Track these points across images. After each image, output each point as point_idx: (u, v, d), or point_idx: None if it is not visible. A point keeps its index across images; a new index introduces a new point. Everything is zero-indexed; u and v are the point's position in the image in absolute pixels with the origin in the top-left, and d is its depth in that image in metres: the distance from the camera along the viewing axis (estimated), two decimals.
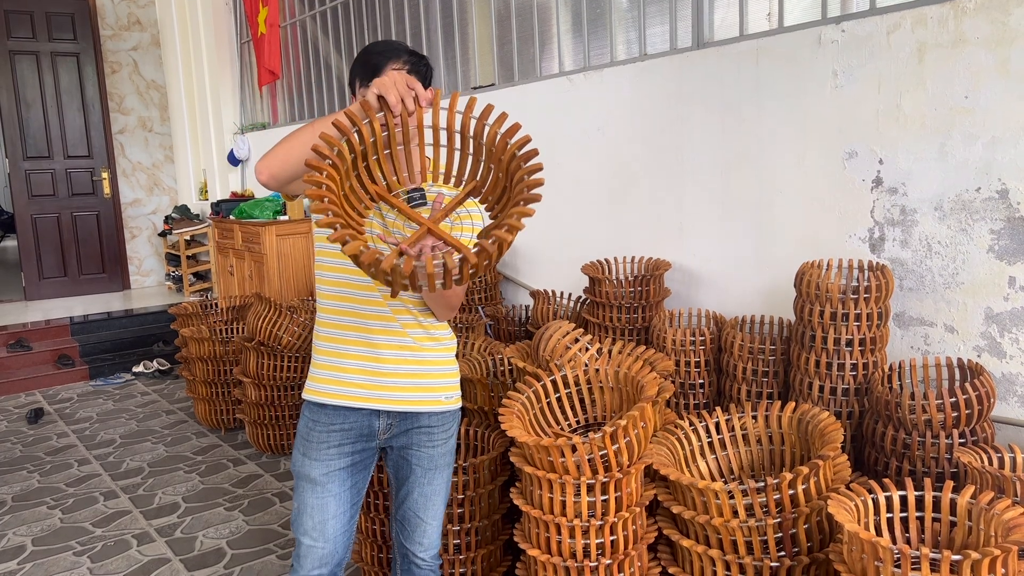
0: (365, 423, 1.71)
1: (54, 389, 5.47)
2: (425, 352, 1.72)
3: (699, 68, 3.01)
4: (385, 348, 1.69)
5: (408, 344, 1.70)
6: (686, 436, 2.05)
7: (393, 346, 1.69)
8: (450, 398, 1.78)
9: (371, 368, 1.69)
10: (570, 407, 2.12)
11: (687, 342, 2.70)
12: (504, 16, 4.02)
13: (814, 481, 1.76)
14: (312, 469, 1.70)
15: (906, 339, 2.50)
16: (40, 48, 6.92)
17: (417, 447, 1.76)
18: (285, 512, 3.30)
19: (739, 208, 2.92)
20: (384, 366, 1.69)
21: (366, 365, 1.69)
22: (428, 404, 1.73)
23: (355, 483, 1.75)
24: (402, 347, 1.70)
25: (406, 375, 1.70)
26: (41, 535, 3.19)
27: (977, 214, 2.29)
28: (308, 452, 1.71)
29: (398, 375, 1.70)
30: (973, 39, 2.24)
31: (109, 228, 7.38)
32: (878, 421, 2.24)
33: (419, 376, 1.72)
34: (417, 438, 1.75)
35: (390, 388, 1.70)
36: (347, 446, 1.71)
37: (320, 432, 1.70)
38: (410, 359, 1.71)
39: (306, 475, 1.70)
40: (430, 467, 1.77)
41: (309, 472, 1.70)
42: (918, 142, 2.39)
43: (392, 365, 1.69)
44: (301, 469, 1.72)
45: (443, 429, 1.78)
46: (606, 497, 1.81)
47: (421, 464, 1.76)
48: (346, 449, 1.71)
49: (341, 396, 1.70)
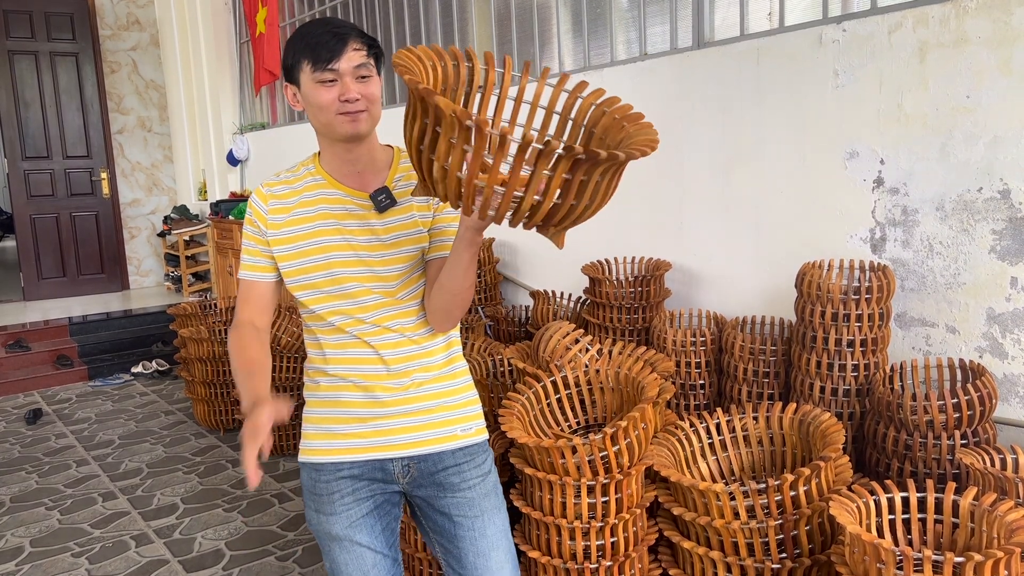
0: (377, 467, 1.50)
1: (53, 390, 5.46)
2: (430, 384, 1.51)
3: (700, 68, 3.00)
4: (380, 390, 1.47)
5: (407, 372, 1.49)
6: (687, 437, 2.04)
7: (389, 387, 1.48)
8: (467, 430, 1.53)
9: (366, 414, 1.49)
10: (570, 408, 2.11)
11: (687, 343, 2.69)
12: (504, 16, 4.01)
13: (815, 482, 1.75)
14: (331, 525, 1.48)
15: (907, 340, 2.49)
16: (39, 48, 6.90)
17: (451, 492, 1.50)
18: (284, 513, 3.29)
19: (740, 208, 2.91)
20: (381, 409, 1.48)
21: (360, 412, 1.49)
22: (439, 442, 1.50)
23: (386, 526, 1.52)
24: (398, 386, 1.48)
25: (409, 414, 1.49)
26: (39, 536, 3.18)
27: (979, 214, 2.28)
28: (320, 508, 1.50)
29: (401, 415, 1.48)
30: (975, 39, 2.23)
31: (108, 228, 7.37)
32: (879, 422, 2.23)
33: (424, 412, 1.50)
34: (447, 481, 1.50)
35: (392, 431, 1.49)
36: (362, 491, 1.49)
37: (326, 483, 1.49)
38: (413, 396, 1.49)
39: (326, 533, 1.50)
40: (474, 514, 1.50)
41: (329, 529, 1.49)
42: (919, 142, 2.38)
43: (391, 408, 1.48)
44: (319, 527, 1.51)
45: (474, 465, 1.52)
46: (607, 499, 1.80)
47: (462, 512, 1.50)
48: (362, 494, 1.49)
49: (337, 451, 1.49)
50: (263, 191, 1.52)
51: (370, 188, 1.47)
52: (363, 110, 1.41)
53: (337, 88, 1.39)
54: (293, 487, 3.55)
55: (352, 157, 1.48)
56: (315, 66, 1.38)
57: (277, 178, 1.54)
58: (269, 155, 6.27)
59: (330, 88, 1.39)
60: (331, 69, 1.38)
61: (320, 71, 1.38)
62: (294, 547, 2.99)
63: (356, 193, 1.47)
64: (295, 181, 1.52)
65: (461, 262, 1.34)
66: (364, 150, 1.48)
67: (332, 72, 1.38)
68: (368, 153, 1.49)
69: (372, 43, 1.44)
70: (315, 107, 1.42)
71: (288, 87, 1.47)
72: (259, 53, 5.99)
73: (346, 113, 1.40)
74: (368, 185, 1.48)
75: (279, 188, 1.52)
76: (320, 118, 1.43)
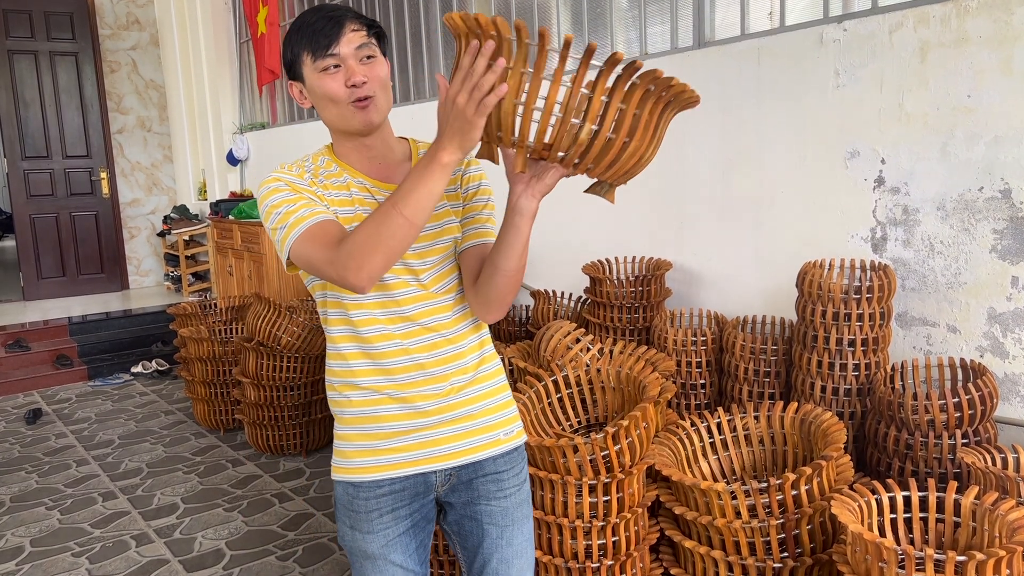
0: (420, 480, 1.42)
1: (52, 389, 5.46)
2: (469, 387, 1.43)
3: (700, 67, 3.00)
4: (419, 399, 1.39)
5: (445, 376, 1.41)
6: (688, 436, 2.04)
7: (427, 394, 1.39)
8: (509, 433, 1.47)
9: (406, 427, 1.40)
10: (571, 407, 2.11)
11: (688, 342, 2.69)
12: (504, 16, 4.01)
13: (817, 482, 1.75)
14: (367, 544, 1.42)
15: (908, 339, 2.49)
16: (39, 48, 6.90)
17: (486, 500, 1.44)
18: (284, 513, 3.28)
19: (740, 208, 2.91)
20: (423, 420, 1.39)
21: (400, 424, 1.39)
22: (484, 448, 1.43)
23: (420, 543, 1.46)
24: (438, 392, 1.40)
25: (452, 421, 1.41)
26: (39, 536, 3.17)
27: (980, 214, 2.28)
28: (357, 525, 1.42)
29: (443, 424, 1.40)
30: (976, 38, 2.23)
31: (108, 228, 7.36)
32: (880, 421, 2.24)
33: (468, 418, 1.42)
34: (484, 489, 1.44)
35: (435, 442, 1.40)
36: (402, 509, 1.42)
37: (365, 500, 1.41)
38: (455, 402, 1.41)
39: (361, 551, 1.43)
40: (506, 523, 1.45)
41: (364, 548, 1.42)
42: (920, 142, 2.38)
43: (433, 416, 1.40)
44: (353, 544, 1.44)
45: (513, 473, 1.47)
46: (608, 498, 1.80)
47: (495, 521, 1.45)
48: (402, 512, 1.42)
49: (378, 468, 1.40)
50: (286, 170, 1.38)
51: (394, 179, 1.38)
52: (371, 95, 1.32)
53: (342, 74, 1.31)
54: (293, 487, 3.55)
55: (370, 152, 1.40)
56: (315, 54, 1.31)
57: (294, 167, 1.40)
58: (269, 155, 6.26)
59: (335, 75, 1.31)
60: (332, 54, 1.30)
61: (321, 58, 1.30)
62: (294, 547, 2.99)
63: (383, 185, 1.39)
64: (318, 169, 1.40)
65: (521, 237, 1.26)
66: (379, 141, 1.40)
67: (333, 57, 1.30)
68: (384, 144, 1.41)
69: (371, 23, 1.36)
70: (323, 99, 1.33)
71: (293, 85, 1.40)
72: (260, 52, 5.99)
73: (356, 101, 1.32)
74: (392, 176, 1.40)
75: (298, 170, 1.38)
76: (331, 111, 1.34)
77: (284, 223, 1.30)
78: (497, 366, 1.50)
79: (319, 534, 3.08)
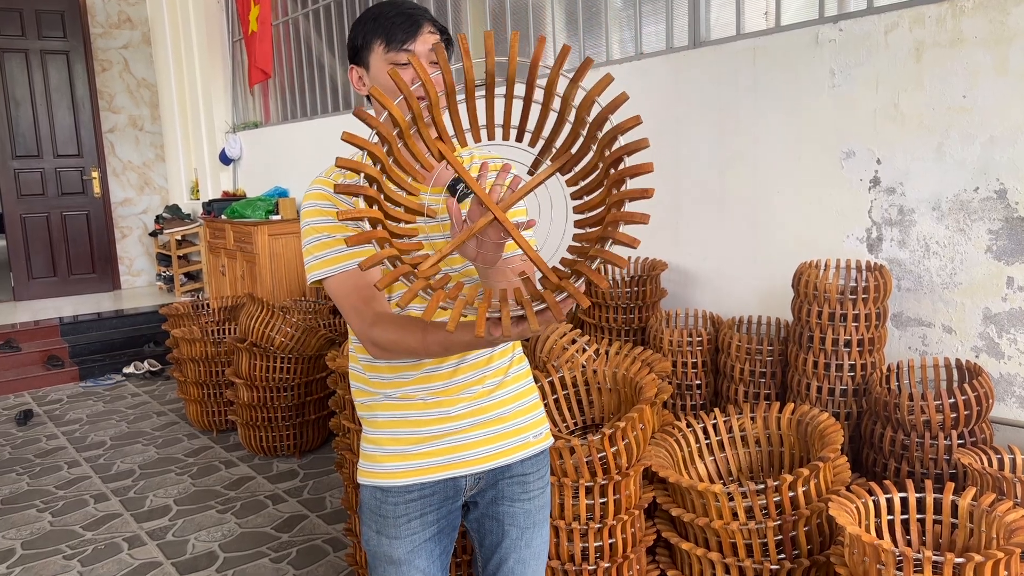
0: (450, 485, 1.41)
1: (43, 390, 5.42)
2: (501, 389, 1.42)
3: (695, 67, 2.99)
4: (450, 404, 1.38)
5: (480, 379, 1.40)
6: (684, 438, 2.04)
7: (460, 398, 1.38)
8: (539, 435, 1.47)
9: (438, 431, 1.38)
10: (568, 408, 2.10)
11: (684, 343, 2.68)
12: (499, 14, 4.00)
13: (814, 483, 1.75)
14: (393, 549, 1.40)
15: (904, 339, 2.49)
16: (29, 46, 6.85)
17: (509, 501, 1.44)
18: (278, 515, 3.27)
19: (736, 208, 2.91)
20: (454, 424, 1.38)
21: (432, 429, 1.38)
22: (516, 451, 1.43)
23: (444, 549, 1.46)
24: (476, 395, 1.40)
25: (485, 424, 1.40)
26: (30, 538, 3.15)
27: (975, 214, 2.28)
28: (384, 530, 1.41)
29: (476, 427, 1.39)
30: (971, 38, 2.23)
31: (99, 228, 7.32)
32: (876, 422, 2.23)
33: (499, 421, 1.42)
34: (509, 490, 1.44)
35: (467, 446, 1.39)
36: (431, 515, 1.41)
37: (394, 505, 1.40)
38: (487, 405, 1.40)
39: (386, 555, 1.42)
40: (527, 524, 1.46)
41: (390, 552, 1.41)
42: (916, 142, 2.38)
43: (465, 420, 1.39)
44: (378, 549, 1.43)
45: (538, 476, 1.47)
46: (605, 500, 1.80)
47: (516, 522, 1.45)
48: (430, 518, 1.41)
49: (408, 473, 1.39)
50: (330, 181, 1.37)
51: (440, 180, 1.37)
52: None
53: (409, 72, 1.29)
54: (287, 488, 3.53)
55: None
56: (389, 46, 1.31)
57: (329, 177, 1.39)
58: (262, 154, 6.24)
59: (403, 71, 1.30)
60: (407, 50, 1.30)
61: (395, 51, 1.30)
62: (288, 549, 2.97)
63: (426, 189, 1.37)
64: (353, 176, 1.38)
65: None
66: None
67: (407, 53, 1.30)
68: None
69: (443, 29, 1.37)
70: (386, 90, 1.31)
71: (353, 70, 1.38)
72: (252, 51, 5.96)
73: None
74: (439, 178, 1.38)
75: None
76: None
77: (319, 254, 1.32)
78: (526, 368, 1.50)
79: (313, 536, 3.06)
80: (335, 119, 5.24)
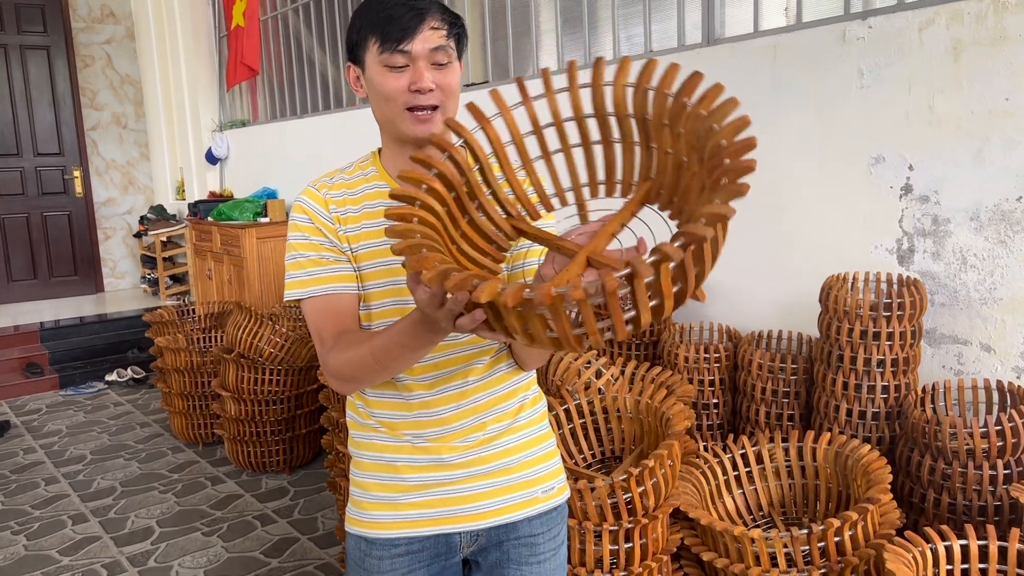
0: (442, 541, 1.26)
1: (22, 399, 5.21)
2: (507, 436, 1.27)
3: (710, 66, 2.82)
4: (446, 451, 1.23)
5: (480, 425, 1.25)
6: (711, 469, 1.87)
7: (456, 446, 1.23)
8: (549, 490, 1.30)
9: (429, 480, 1.23)
10: (583, 438, 1.94)
11: (700, 359, 2.52)
12: (498, 9, 3.82)
13: (861, 526, 1.59)
14: None
15: (937, 358, 2.33)
16: (8, 41, 6.63)
17: (516, 564, 1.27)
18: (267, 537, 3.09)
19: (754, 215, 2.74)
20: (448, 473, 1.23)
21: (422, 477, 1.23)
22: (521, 508, 1.26)
23: None
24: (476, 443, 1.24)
25: (484, 476, 1.24)
26: (3, 564, 2.95)
27: (1018, 225, 2.13)
28: None
29: (473, 478, 1.24)
30: (1015, 36, 2.07)
31: (81, 228, 7.10)
32: (913, 448, 2.08)
33: (502, 472, 1.25)
34: (515, 552, 1.27)
35: (461, 499, 1.23)
36: (420, 570, 1.26)
37: (379, 560, 1.26)
38: (487, 454, 1.25)
39: None
40: None
41: None
42: (953, 147, 2.22)
43: (460, 470, 1.23)
44: None
45: (549, 536, 1.30)
46: (630, 544, 1.63)
47: None
48: (419, 574, 1.26)
49: (393, 525, 1.24)
50: (317, 193, 1.23)
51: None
52: (436, 106, 1.16)
53: (408, 75, 1.14)
54: (276, 507, 3.35)
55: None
56: (383, 45, 1.14)
57: (331, 180, 1.25)
58: (250, 153, 6.03)
59: (399, 75, 1.15)
60: (402, 51, 1.13)
61: (389, 52, 1.14)
62: None
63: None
64: (354, 186, 1.24)
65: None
66: None
67: (403, 55, 1.14)
68: None
69: (455, 21, 1.18)
70: (379, 96, 1.17)
71: (350, 68, 1.23)
72: (235, 47, 5.75)
73: (416, 108, 1.15)
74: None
75: (337, 193, 1.23)
76: (384, 111, 1.18)
77: (293, 273, 1.21)
78: (541, 411, 1.33)
79: (305, 561, 2.89)
80: (326, 117, 5.06)
